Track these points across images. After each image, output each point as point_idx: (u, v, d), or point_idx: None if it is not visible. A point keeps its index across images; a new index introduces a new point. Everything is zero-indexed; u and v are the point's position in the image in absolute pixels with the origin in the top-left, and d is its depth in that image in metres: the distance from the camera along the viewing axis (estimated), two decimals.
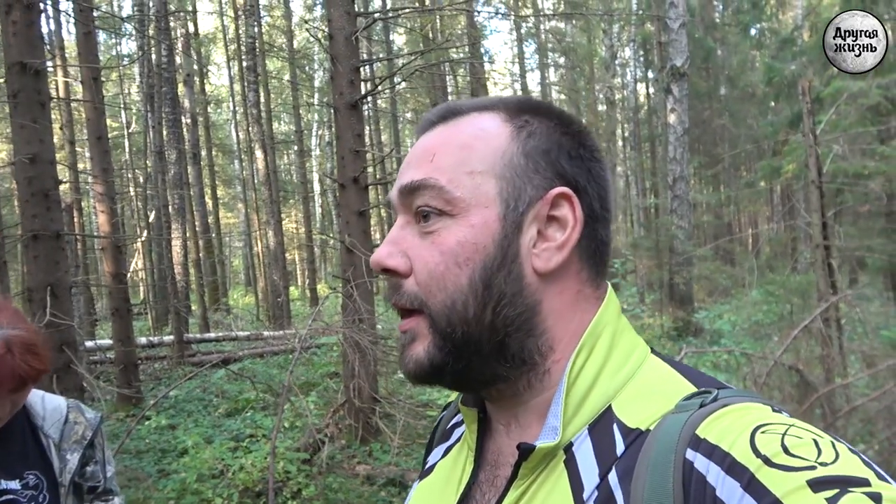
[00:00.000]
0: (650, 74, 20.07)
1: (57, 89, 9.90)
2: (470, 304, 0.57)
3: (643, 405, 0.56)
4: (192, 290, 14.61)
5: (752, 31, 16.25)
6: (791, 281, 7.01)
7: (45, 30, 13.44)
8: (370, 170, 5.97)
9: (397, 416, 5.49)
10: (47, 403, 1.47)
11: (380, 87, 5.51)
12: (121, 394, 6.77)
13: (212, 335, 10.91)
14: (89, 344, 8.79)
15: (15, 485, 1.35)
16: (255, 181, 16.65)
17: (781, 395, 4.52)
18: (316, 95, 22.26)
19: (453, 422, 0.76)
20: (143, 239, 13.45)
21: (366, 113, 22.30)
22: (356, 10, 5.86)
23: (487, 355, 0.58)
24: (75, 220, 10.42)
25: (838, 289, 5.67)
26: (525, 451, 0.56)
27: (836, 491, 0.41)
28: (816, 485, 0.42)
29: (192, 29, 16.13)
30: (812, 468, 0.43)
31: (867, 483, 0.42)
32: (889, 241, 8.88)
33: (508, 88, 23.12)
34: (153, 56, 10.83)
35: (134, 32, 13.71)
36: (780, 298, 7.20)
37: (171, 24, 12.52)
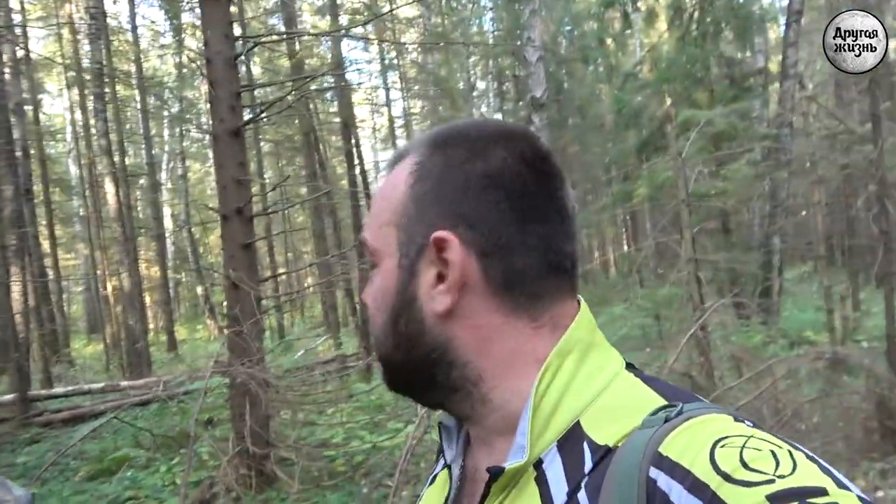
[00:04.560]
0: (506, 106, 21.08)
1: None
2: (387, 345, 0.65)
3: (612, 421, 0.56)
4: (31, 342, 13.02)
5: (598, 67, 17.54)
6: (659, 294, 7.52)
7: None
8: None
9: (295, 460, 5.16)
10: None
11: (264, 115, 5.26)
12: None
13: (60, 390, 9.74)
14: None
15: None
16: (101, 218, 15.26)
17: None
18: (167, 125, 20.98)
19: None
20: None
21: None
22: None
23: (419, 385, 0.65)
24: None
25: (704, 300, 6.16)
26: (494, 474, 0.57)
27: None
28: (775, 499, 0.43)
29: (21, 53, 14.60)
30: (771, 482, 0.44)
31: (825, 492, 0.44)
32: (728, 255, 9.83)
33: (370, 118, 23.22)
34: None
35: None
36: (649, 312, 7.68)
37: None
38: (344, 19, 11.32)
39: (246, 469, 5.02)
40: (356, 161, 12.23)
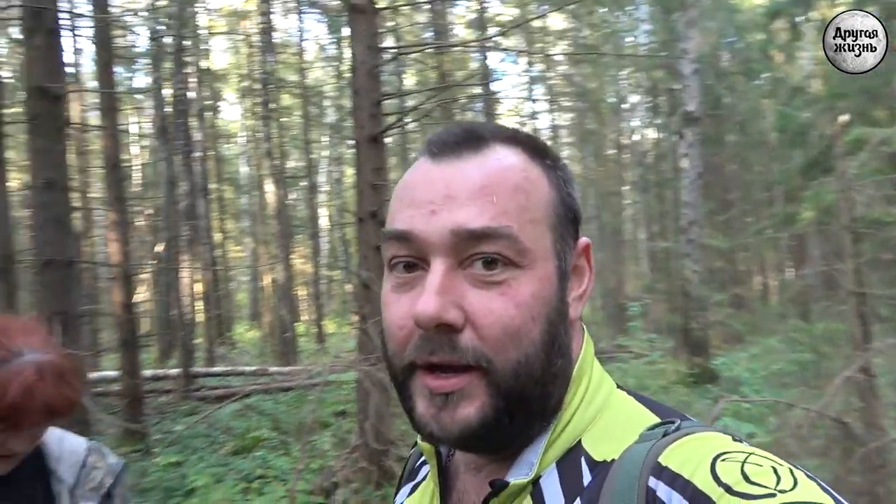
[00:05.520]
0: (657, 120, 20.20)
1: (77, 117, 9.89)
2: (539, 360, 0.54)
3: (610, 438, 0.56)
4: (199, 323, 14.46)
5: (761, 80, 16.34)
6: (816, 328, 6.82)
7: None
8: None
9: None
10: (66, 443, 1.29)
11: (406, 121, 5.45)
12: (126, 428, 6.55)
13: (218, 369, 10.71)
14: (93, 375, 8.59)
15: None
16: (264, 215, 16.62)
17: (821, 447, 4.31)
18: (327, 132, 22.40)
19: (420, 460, 0.74)
20: (152, 270, 13.33)
21: None
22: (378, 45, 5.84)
23: (533, 412, 0.56)
24: (83, 248, 10.32)
25: (871, 338, 5.47)
26: (498, 487, 0.55)
27: None
28: None
29: (204, 64, 16.31)
30: (772, 495, 0.44)
31: None
32: None
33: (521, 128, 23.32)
34: (170, 89, 10.90)
35: (150, 65, 13.88)
36: (806, 347, 6.98)
37: (186, 58, 12.64)
38: (493, 31, 11.48)
39: (366, 463, 5.20)
40: None
